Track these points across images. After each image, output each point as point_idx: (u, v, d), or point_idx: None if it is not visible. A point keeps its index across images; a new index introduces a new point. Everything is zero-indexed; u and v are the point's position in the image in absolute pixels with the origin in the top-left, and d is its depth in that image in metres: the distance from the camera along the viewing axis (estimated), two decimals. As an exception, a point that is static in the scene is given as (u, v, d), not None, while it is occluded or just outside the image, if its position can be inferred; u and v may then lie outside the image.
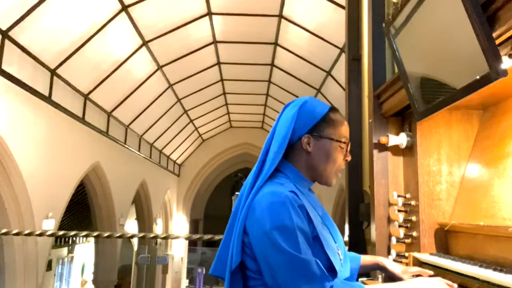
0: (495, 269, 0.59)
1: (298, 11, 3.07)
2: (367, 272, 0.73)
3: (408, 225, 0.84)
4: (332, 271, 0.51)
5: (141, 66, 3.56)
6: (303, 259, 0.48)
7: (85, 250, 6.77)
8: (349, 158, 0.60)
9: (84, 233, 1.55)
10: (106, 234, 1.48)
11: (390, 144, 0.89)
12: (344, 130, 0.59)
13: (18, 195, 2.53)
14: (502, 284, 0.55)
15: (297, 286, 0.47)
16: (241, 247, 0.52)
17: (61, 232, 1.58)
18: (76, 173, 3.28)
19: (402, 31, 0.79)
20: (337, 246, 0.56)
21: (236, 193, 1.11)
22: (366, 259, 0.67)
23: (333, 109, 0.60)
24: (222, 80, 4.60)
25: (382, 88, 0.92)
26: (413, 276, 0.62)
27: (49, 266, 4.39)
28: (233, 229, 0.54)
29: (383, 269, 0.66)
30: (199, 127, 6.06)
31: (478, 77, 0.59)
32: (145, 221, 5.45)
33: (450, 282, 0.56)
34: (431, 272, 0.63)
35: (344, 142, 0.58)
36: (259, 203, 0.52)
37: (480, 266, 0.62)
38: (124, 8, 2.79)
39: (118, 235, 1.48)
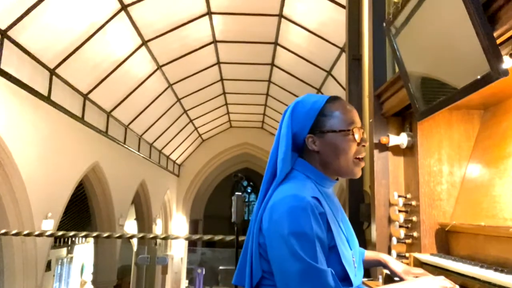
0: (496, 270, 0.59)
1: (298, 10, 3.06)
2: (369, 268, 0.71)
3: (409, 225, 0.84)
4: (346, 281, 0.50)
5: (140, 66, 3.55)
6: (319, 269, 0.46)
7: (84, 250, 6.75)
8: (365, 144, 0.55)
9: (83, 233, 1.55)
10: (105, 235, 1.48)
11: (391, 144, 0.89)
12: (347, 116, 0.54)
13: (17, 195, 2.52)
14: (503, 284, 0.54)
15: None
16: (259, 258, 0.50)
17: (60, 233, 1.58)
18: (75, 173, 3.27)
19: (402, 31, 0.79)
20: (352, 253, 0.54)
21: (236, 193, 1.11)
22: (369, 254, 0.66)
23: (330, 99, 0.56)
24: (222, 79, 4.59)
25: (382, 88, 0.92)
26: (415, 277, 0.62)
27: (48, 267, 4.38)
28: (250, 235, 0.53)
29: (385, 266, 0.65)
30: (199, 127, 6.05)
31: (479, 76, 0.59)
32: (144, 222, 5.44)
33: (452, 283, 0.55)
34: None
35: (349, 129, 0.53)
36: (279, 205, 0.50)
37: (481, 266, 0.62)
38: (124, 7, 2.78)
39: (117, 235, 1.47)
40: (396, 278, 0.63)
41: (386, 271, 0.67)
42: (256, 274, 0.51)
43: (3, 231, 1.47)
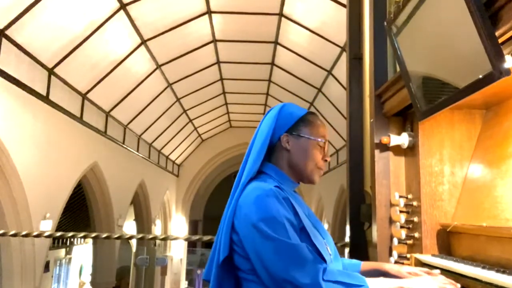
0: (498, 271, 0.58)
1: (299, 9, 3.05)
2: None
3: (410, 226, 0.83)
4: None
5: (139, 65, 3.54)
6: (292, 244, 0.48)
7: (83, 251, 6.75)
8: (328, 159, 0.62)
9: (82, 234, 1.54)
10: (104, 235, 1.47)
11: (392, 144, 0.88)
12: (322, 131, 0.62)
13: (15, 196, 2.51)
14: (505, 285, 0.54)
15: (289, 273, 0.47)
16: (229, 241, 0.53)
17: (58, 233, 1.57)
18: (74, 174, 3.26)
19: (403, 30, 0.78)
20: (325, 242, 0.57)
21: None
22: (367, 265, 0.66)
23: (311, 112, 0.64)
24: (221, 79, 4.58)
25: (383, 88, 0.92)
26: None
27: (46, 268, 4.32)
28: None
29: (386, 275, 0.64)
30: (199, 127, 6.04)
31: (480, 76, 0.59)
32: (143, 222, 5.44)
33: (454, 282, 0.55)
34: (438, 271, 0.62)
35: (321, 142, 0.61)
36: (245, 199, 0.54)
37: (483, 267, 0.61)
38: (123, 6, 2.77)
39: (116, 236, 1.47)
40: None
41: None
42: (223, 252, 0.53)
43: (1, 231, 1.46)
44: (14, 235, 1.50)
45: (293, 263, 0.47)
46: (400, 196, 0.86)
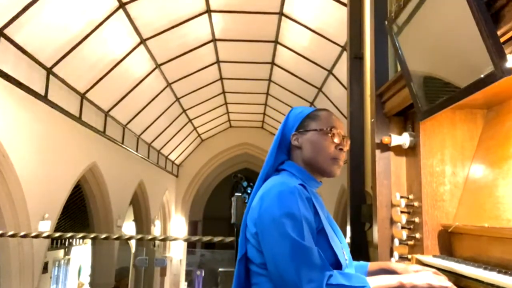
0: (499, 272, 0.58)
1: (299, 8, 3.04)
2: None
3: (411, 226, 0.83)
4: (337, 264, 0.52)
5: (139, 65, 3.52)
6: (305, 246, 0.49)
7: (81, 252, 6.70)
8: (344, 148, 0.60)
9: (80, 234, 1.53)
10: (103, 236, 1.46)
11: (393, 144, 0.88)
12: (329, 120, 0.61)
13: (14, 196, 2.49)
14: (507, 286, 0.54)
15: (296, 274, 0.48)
16: (245, 236, 0.54)
17: (57, 234, 1.56)
18: (73, 174, 3.24)
19: (405, 29, 0.78)
20: (341, 246, 0.57)
21: (236, 194, 1.10)
22: (374, 265, 0.66)
23: (320, 108, 0.64)
24: (221, 78, 4.56)
25: (384, 87, 0.91)
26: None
27: (45, 269, 4.35)
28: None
29: (393, 274, 0.63)
30: (198, 126, 6.02)
31: (482, 75, 0.58)
32: (143, 223, 5.41)
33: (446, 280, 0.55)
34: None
35: (328, 129, 0.60)
36: (268, 193, 0.54)
37: (485, 268, 0.61)
38: (122, 5, 2.75)
39: (115, 237, 1.46)
40: None
41: None
42: (241, 250, 0.55)
43: (-2, 232, 1.44)
44: (13, 235, 1.49)
45: (302, 265, 0.48)
46: (401, 197, 0.86)
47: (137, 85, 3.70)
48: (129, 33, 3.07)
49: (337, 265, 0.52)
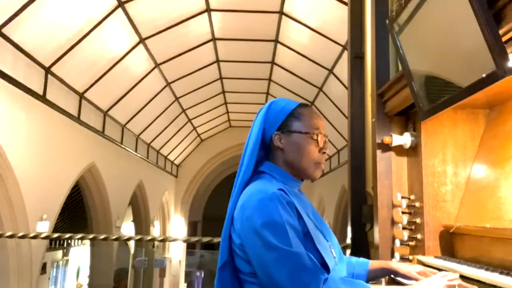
0: (501, 273, 0.57)
1: (299, 7, 3.02)
2: (377, 278, 0.69)
3: (412, 227, 0.82)
4: (324, 268, 0.51)
5: (138, 64, 3.51)
6: (294, 252, 0.48)
7: (80, 253, 6.69)
8: (326, 151, 0.59)
9: (79, 235, 1.52)
10: (102, 237, 1.45)
11: (394, 144, 0.87)
12: (315, 122, 0.58)
13: (12, 197, 2.47)
14: (509, 288, 0.53)
15: (290, 282, 0.47)
16: (228, 245, 0.53)
17: (55, 235, 1.54)
18: (71, 174, 3.23)
19: (406, 28, 0.77)
20: (329, 244, 0.56)
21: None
22: (375, 264, 0.65)
23: (302, 104, 0.60)
24: (221, 78, 4.55)
25: (385, 87, 0.91)
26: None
27: (43, 270, 4.31)
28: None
29: (395, 274, 0.63)
30: (198, 126, 6.00)
31: (484, 75, 0.58)
32: (142, 223, 5.39)
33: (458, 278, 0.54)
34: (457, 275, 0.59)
35: (314, 134, 0.57)
36: (248, 203, 0.52)
37: (486, 269, 0.61)
38: (121, 4, 2.74)
39: (114, 237, 1.44)
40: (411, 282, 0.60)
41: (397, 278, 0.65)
42: (222, 256, 0.53)
43: (-5, 233, 1.42)
44: (11, 236, 1.48)
45: (294, 272, 0.47)
46: (402, 197, 0.85)
47: (136, 84, 3.68)
48: (128, 32, 3.05)
49: (325, 267, 0.51)
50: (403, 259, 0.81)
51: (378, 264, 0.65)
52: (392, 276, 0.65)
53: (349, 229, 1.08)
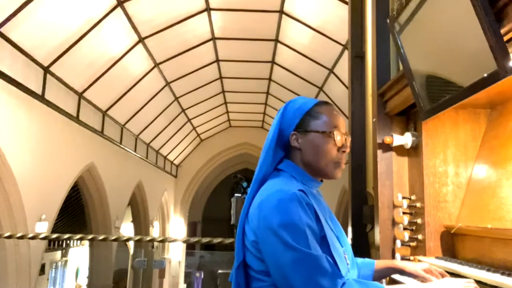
0: (503, 273, 0.57)
1: (300, 6, 3.01)
2: (382, 278, 0.68)
3: (413, 227, 0.82)
4: None
5: (137, 64, 3.49)
6: (313, 255, 0.47)
7: (79, 253, 6.65)
8: (347, 150, 0.57)
9: (78, 236, 1.51)
10: (101, 237, 1.44)
11: (395, 144, 0.87)
12: (333, 120, 0.57)
13: (10, 197, 2.46)
14: (512, 289, 0.53)
15: (307, 285, 0.46)
16: (242, 244, 0.52)
17: (54, 235, 1.54)
18: (70, 174, 3.21)
19: (407, 27, 0.77)
20: (344, 250, 0.55)
21: (236, 194, 1.08)
22: (380, 264, 0.64)
23: (320, 102, 0.59)
24: (221, 78, 4.53)
25: (386, 86, 0.90)
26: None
27: (42, 270, 4.31)
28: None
29: (401, 273, 0.62)
30: (197, 126, 5.98)
31: (485, 75, 0.58)
32: (141, 224, 5.38)
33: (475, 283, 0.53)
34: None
35: (330, 131, 0.56)
36: (267, 201, 0.52)
37: (488, 270, 0.60)
38: (120, 3, 2.72)
39: (113, 238, 1.44)
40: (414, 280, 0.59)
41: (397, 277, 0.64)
42: (238, 257, 0.52)
43: (-7, 234, 1.41)
44: (9, 237, 1.47)
45: (312, 275, 0.46)
46: (403, 197, 0.85)
47: (135, 84, 3.67)
48: (127, 31, 3.04)
49: None
50: (404, 259, 0.81)
51: (383, 264, 0.64)
52: (398, 275, 0.65)
53: (349, 229, 1.08)
